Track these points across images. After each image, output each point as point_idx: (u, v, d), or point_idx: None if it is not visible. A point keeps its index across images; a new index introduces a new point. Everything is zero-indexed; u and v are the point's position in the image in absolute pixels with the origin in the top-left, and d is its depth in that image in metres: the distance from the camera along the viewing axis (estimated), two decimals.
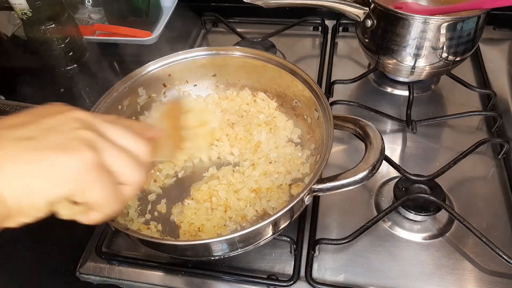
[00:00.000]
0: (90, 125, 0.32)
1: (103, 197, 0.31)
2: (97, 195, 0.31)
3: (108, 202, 0.31)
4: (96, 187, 0.30)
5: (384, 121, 0.75)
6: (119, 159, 0.32)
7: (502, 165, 0.67)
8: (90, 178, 0.30)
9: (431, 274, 0.55)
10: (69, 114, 0.32)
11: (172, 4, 1.02)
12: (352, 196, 0.64)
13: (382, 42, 0.71)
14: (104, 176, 0.31)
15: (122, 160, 0.32)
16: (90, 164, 0.30)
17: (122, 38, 0.94)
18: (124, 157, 0.32)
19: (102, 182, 0.31)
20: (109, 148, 0.31)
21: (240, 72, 0.70)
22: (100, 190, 0.30)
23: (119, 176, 0.32)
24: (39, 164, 0.28)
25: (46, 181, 0.28)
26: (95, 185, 0.30)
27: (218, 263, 0.58)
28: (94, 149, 0.30)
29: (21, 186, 0.28)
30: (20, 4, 0.76)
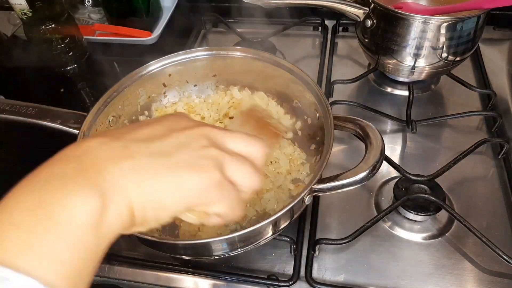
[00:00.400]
0: (215, 141, 0.34)
1: (225, 209, 0.33)
2: (220, 208, 0.33)
3: (229, 212, 0.34)
4: (219, 201, 0.33)
5: (384, 121, 0.75)
6: (240, 169, 0.34)
7: (502, 165, 0.67)
8: (213, 194, 0.32)
9: (431, 274, 0.55)
10: (197, 130, 0.34)
11: (172, 4, 1.02)
12: (352, 196, 0.64)
13: (382, 42, 0.71)
14: (226, 191, 0.33)
15: (242, 170, 0.34)
16: (216, 182, 0.32)
17: (122, 38, 0.95)
18: (244, 167, 0.34)
19: (224, 197, 0.33)
20: (232, 162, 0.33)
21: (240, 72, 0.70)
22: (222, 204, 0.33)
23: (239, 186, 0.34)
24: (171, 181, 0.30)
25: (175, 197, 0.30)
26: (218, 200, 0.33)
27: (218, 263, 0.58)
28: (219, 167, 0.32)
29: (152, 200, 0.30)
30: (20, 4, 0.76)
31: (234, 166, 0.34)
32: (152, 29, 0.96)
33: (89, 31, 0.95)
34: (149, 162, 0.30)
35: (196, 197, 0.31)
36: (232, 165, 0.33)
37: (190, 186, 0.31)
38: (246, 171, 0.34)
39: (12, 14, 1.03)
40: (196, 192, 0.31)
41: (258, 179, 0.35)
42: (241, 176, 0.34)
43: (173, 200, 0.30)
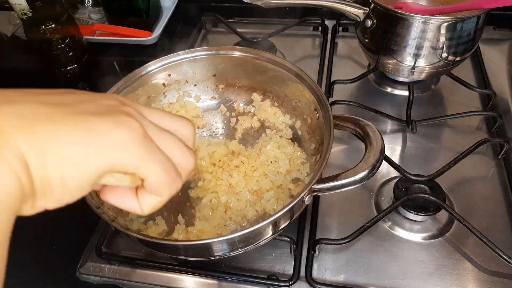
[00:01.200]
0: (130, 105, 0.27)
1: (160, 174, 0.26)
2: (153, 172, 0.26)
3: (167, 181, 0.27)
4: (152, 161, 0.25)
5: (384, 121, 0.75)
6: (166, 139, 0.27)
7: (502, 165, 0.67)
8: (142, 151, 0.25)
9: (431, 274, 0.55)
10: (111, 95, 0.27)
11: (172, 4, 1.02)
12: (352, 196, 0.64)
13: (382, 42, 0.71)
14: (157, 151, 0.26)
15: (173, 146, 0.28)
16: (141, 134, 0.25)
17: (122, 38, 0.95)
18: (174, 142, 0.28)
19: (157, 157, 0.26)
20: (154, 127, 0.27)
21: (240, 72, 0.70)
22: (156, 166, 0.26)
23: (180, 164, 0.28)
24: (77, 127, 0.23)
25: (86, 150, 0.23)
26: (149, 159, 0.25)
27: (218, 263, 0.58)
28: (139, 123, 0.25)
29: (53, 153, 0.22)
30: (20, 4, 0.76)
31: (163, 138, 0.27)
32: (152, 29, 0.96)
33: (89, 31, 0.95)
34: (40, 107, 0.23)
35: (125, 148, 0.24)
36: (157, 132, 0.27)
37: (110, 134, 0.23)
38: (177, 147, 0.28)
39: (12, 14, 1.03)
40: (121, 142, 0.24)
41: (192, 158, 0.29)
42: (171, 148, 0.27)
43: (84, 154, 0.23)
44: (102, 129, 0.23)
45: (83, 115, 0.23)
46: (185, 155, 0.28)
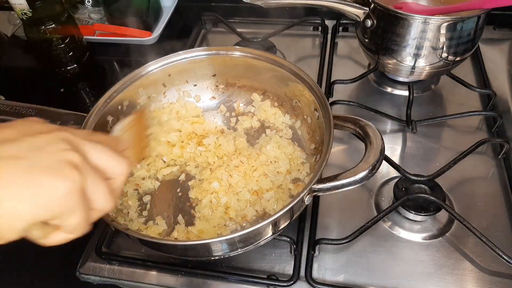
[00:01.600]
0: (76, 146, 0.31)
1: (79, 222, 0.30)
2: (74, 220, 0.30)
3: (81, 227, 0.31)
4: (76, 212, 0.30)
5: (384, 121, 0.75)
6: (98, 188, 0.31)
7: (502, 165, 0.67)
8: (73, 202, 0.29)
9: (431, 274, 0.55)
10: (55, 134, 0.31)
11: (172, 4, 1.02)
12: (352, 196, 0.64)
13: (382, 42, 0.71)
14: (84, 201, 0.30)
15: (100, 189, 0.32)
16: (75, 188, 0.29)
17: (122, 38, 0.95)
18: (102, 186, 0.32)
19: (82, 207, 0.30)
20: (92, 175, 0.31)
21: (240, 72, 0.70)
22: (78, 215, 0.30)
23: (94, 203, 0.32)
24: (26, 186, 0.27)
25: (31, 204, 0.27)
26: (75, 209, 0.30)
27: (218, 263, 0.58)
28: (80, 173, 0.29)
29: (4, 207, 0.26)
30: (20, 4, 0.76)
31: (93, 180, 0.31)
32: (152, 29, 0.96)
33: (89, 31, 0.96)
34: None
35: (55, 204, 0.28)
36: (93, 180, 0.31)
37: (48, 191, 0.27)
38: (103, 191, 0.32)
39: (12, 14, 1.04)
40: (55, 198, 0.28)
41: (111, 202, 0.33)
42: (98, 195, 0.31)
43: (29, 207, 0.27)
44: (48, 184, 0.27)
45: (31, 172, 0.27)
46: (107, 199, 0.32)
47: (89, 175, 0.31)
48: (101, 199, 0.32)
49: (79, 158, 0.30)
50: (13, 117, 0.57)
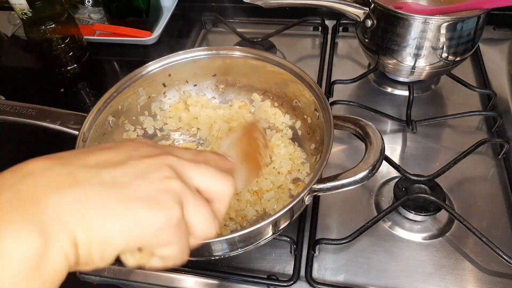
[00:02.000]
0: (179, 172, 0.30)
1: (174, 253, 0.29)
2: (169, 252, 0.29)
3: (177, 257, 0.30)
4: (172, 244, 0.29)
5: (384, 121, 0.75)
6: (200, 214, 0.30)
7: (502, 165, 0.67)
8: (168, 236, 0.28)
9: (431, 274, 0.55)
10: (160, 159, 0.29)
11: (172, 4, 1.02)
12: (352, 196, 0.64)
13: (382, 42, 0.71)
14: (182, 233, 0.29)
15: (202, 215, 0.30)
16: (172, 222, 0.28)
17: (122, 38, 0.95)
18: (205, 211, 0.30)
19: (178, 240, 0.29)
20: (194, 201, 0.29)
21: (240, 72, 0.70)
22: (173, 247, 0.29)
23: (193, 230, 0.30)
24: (122, 216, 0.26)
25: (125, 235, 0.26)
26: (172, 242, 0.28)
27: (218, 263, 0.58)
28: (180, 204, 0.28)
29: (98, 238, 0.25)
30: (20, 4, 0.76)
31: (194, 207, 0.29)
32: (152, 29, 0.96)
33: (89, 31, 0.96)
34: (98, 193, 0.26)
35: (149, 236, 0.27)
36: (192, 205, 0.29)
37: (144, 223, 0.27)
38: (205, 216, 0.30)
39: (12, 14, 1.04)
40: (150, 231, 0.27)
41: (214, 228, 0.31)
42: (199, 221, 0.30)
43: (122, 238, 0.26)
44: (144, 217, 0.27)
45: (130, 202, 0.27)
46: (209, 225, 0.31)
47: (191, 202, 0.29)
48: (203, 226, 0.30)
49: (181, 186, 0.29)
50: (13, 117, 0.57)
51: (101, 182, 0.26)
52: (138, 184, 0.27)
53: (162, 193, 0.28)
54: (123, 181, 0.27)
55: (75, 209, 0.25)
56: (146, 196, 0.27)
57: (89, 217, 0.25)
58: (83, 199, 0.25)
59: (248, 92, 0.72)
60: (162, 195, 0.27)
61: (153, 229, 0.27)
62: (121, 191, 0.27)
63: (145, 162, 0.29)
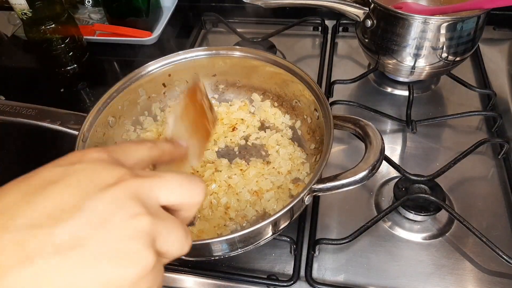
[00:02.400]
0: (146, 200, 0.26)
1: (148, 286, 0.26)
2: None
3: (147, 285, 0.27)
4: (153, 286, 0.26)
5: (384, 121, 0.75)
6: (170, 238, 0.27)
7: (502, 165, 0.67)
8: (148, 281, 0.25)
9: (431, 274, 0.55)
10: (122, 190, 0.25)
11: (172, 4, 1.02)
12: (352, 196, 0.64)
13: (382, 42, 0.71)
14: (160, 271, 0.26)
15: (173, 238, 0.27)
16: (149, 268, 0.24)
17: (122, 38, 0.95)
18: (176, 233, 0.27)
19: (158, 278, 0.26)
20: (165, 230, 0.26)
21: (240, 72, 0.70)
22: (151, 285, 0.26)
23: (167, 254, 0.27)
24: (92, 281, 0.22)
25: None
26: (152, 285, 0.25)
27: (218, 263, 0.58)
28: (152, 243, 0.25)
29: None
30: (20, 4, 0.75)
31: (166, 234, 0.26)
32: (152, 29, 0.96)
33: (89, 31, 0.96)
34: (56, 266, 0.21)
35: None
36: (164, 234, 0.26)
37: (117, 283, 0.23)
38: (177, 238, 0.27)
39: (12, 14, 1.04)
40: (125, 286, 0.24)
41: (187, 245, 0.28)
42: (171, 245, 0.27)
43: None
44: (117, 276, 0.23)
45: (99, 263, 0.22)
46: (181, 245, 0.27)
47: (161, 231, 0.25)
48: (176, 248, 0.27)
49: (150, 222, 0.25)
50: (13, 117, 0.57)
51: (58, 248, 0.22)
52: (102, 237, 0.23)
53: (131, 240, 0.23)
54: (83, 237, 0.22)
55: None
56: (114, 251, 0.23)
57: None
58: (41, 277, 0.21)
59: (248, 92, 0.72)
60: (131, 244, 0.23)
61: (130, 284, 0.23)
62: (82, 252, 0.22)
63: (104, 199, 0.24)
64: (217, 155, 0.66)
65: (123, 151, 0.29)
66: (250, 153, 0.66)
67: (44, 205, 0.22)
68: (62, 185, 0.24)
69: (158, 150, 0.31)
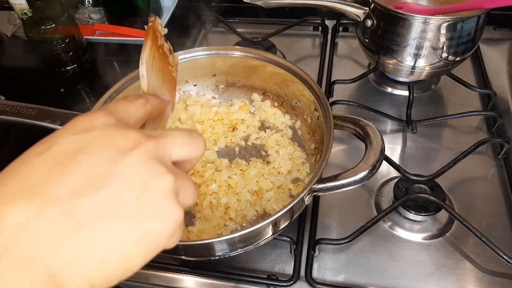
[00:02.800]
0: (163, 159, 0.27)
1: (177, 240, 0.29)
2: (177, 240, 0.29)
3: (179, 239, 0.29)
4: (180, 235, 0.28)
5: (384, 121, 0.75)
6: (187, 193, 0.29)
7: (502, 165, 0.67)
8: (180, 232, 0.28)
9: (431, 274, 0.55)
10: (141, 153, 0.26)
11: (172, 4, 1.02)
12: (352, 196, 0.64)
13: (382, 42, 0.71)
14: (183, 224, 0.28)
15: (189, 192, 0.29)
16: (181, 220, 0.27)
17: (122, 38, 0.95)
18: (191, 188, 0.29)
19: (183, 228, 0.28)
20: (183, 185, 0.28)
21: (240, 72, 0.70)
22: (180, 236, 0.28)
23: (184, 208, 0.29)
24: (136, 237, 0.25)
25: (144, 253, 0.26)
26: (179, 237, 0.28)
27: (218, 263, 0.58)
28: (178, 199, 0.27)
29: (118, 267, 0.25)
30: (20, 4, 0.76)
31: (184, 188, 0.28)
32: None
33: (89, 31, 0.96)
34: (106, 226, 0.24)
35: (163, 244, 0.27)
36: (183, 189, 0.28)
37: (157, 236, 0.26)
38: (192, 191, 0.29)
39: (12, 14, 1.04)
40: (164, 240, 0.26)
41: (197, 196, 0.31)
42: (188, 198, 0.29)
43: (140, 258, 0.26)
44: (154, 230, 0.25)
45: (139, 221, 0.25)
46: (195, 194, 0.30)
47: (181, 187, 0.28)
48: (191, 200, 0.30)
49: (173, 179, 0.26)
50: (13, 117, 0.57)
51: (104, 212, 0.24)
52: (137, 198, 0.25)
53: (163, 197, 0.26)
54: (122, 200, 0.24)
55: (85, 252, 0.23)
56: (150, 209, 0.25)
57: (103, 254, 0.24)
58: (93, 237, 0.23)
59: (248, 92, 0.72)
60: (163, 201, 0.26)
61: (166, 237, 0.26)
62: (125, 213, 0.24)
63: (130, 164, 0.25)
64: (217, 155, 0.66)
65: (125, 111, 0.29)
66: (250, 153, 0.66)
67: (78, 175, 0.24)
68: (87, 154, 0.25)
69: (150, 106, 0.32)
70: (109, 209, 0.24)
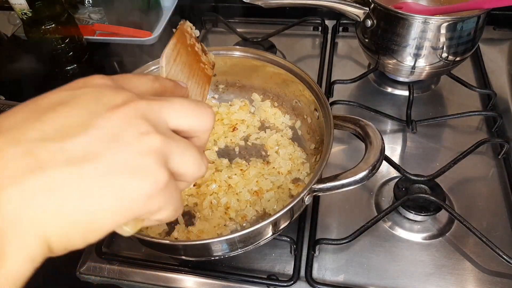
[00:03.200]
0: (155, 120, 0.25)
1: (170, 214, 0.26)
2: (164, 215, 0.26)
3: (173, 215, 0.27)
4: (165, 207, 0.26)
5: (384, 121, 0.75)
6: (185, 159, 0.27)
7: (502, 165, 0.67)
8: (160, 200, 0.25)
9: (431, 274, 0.55)
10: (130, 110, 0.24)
11: (172, 4, 1.02)
12: (352, 196, 0.64)
13: (382, 42, 0.71)
14: (173, 193, 0.26)
15: (188, 159, 0.27)
16: (161, 185, 0.24)
17: (122, 38, 0.94)
18: (190, 154, 0.27)
19: (171, 200, 0.26)
20: (177, 149, 0.26)
21: (240, 72, 0.70)
22: (168, 209, 0.26)
23: (182, 176, 0.27)
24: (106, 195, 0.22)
25: (113, 213, 0.23)
26: (164, 206, 0.25)
27: (218, 263, 0.58)
28: (165, 162, 0.25)
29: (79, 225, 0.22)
30: (20, 4, 0.76)
31: (180, 154, 0.26)
32: (152, 29, 0.96)
33: (89, 31, 0.95)
34: (68, 175, 0.21)
35: (139, 208, 0.24)
36: (177, 154, 0.26)
37: (131, 196, 0.23)
38: (191, 159, 0.27)
39: (12, 14, 1.04)
40: (139, 202, 0.24)
41: (204, 166, 0.28)
42: (186, 166, 0.27)
43: (109, 218, 0.23)
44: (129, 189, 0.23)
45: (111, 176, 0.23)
46: (197, 166, 0.27)
47: (174, 151, 0.25)
48: (192, 169, 0.27)
49: (161, 140, 0.24)
50: None
51: (69, 159, 0.22)
52: (114, 151, 0.23)
53: (143, 156, 0.24)
54: (95, 152, 0.22)
55: (42, 199, 0.21)
56: (126, 164, 0.23)
57: (62, 206, 0.21)
58: (52, 185, 0.21)
59: (248, 92, 0.72)
60: (144, 159, 0.23)
61: (142, 199, 0.24)
62: (95, 165, 0.22)
63: (113, 118, 0.24)
64: (217, 155, 0.66)
65: (128, 80, 0.28)
66: (250, 153, 0.66)
67: (53, 122, 0.23)
68: (71, 105, 0.24)
69: (160, 84, 0.30)
70: (75, 157, 0.22)
